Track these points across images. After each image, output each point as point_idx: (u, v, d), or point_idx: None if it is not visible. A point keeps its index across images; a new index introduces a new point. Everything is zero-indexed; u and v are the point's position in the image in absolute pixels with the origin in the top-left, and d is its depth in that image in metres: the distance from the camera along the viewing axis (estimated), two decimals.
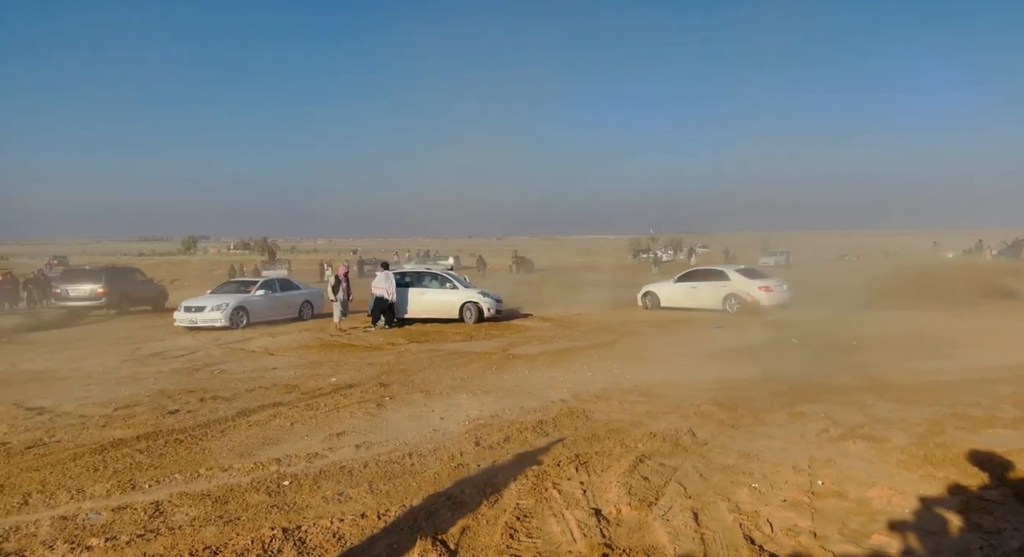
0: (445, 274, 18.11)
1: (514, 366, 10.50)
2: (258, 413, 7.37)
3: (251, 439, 6.36)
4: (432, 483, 5.03)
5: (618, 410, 7.38)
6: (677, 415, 7.08)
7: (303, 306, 18.77)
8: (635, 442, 6.03)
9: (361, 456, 5.74)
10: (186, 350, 12.87)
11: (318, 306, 19.28)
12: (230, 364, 11.09)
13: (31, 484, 5.06)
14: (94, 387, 9.18)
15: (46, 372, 10.60)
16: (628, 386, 8.72)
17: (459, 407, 7.64)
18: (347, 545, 3.95)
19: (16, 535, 4.11)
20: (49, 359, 12.02)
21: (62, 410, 7.69)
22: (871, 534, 4.02)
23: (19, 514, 4.47)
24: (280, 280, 19.89)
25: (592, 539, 3.99)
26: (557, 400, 7.88)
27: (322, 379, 9.51)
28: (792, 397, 7.84)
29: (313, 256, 71.86)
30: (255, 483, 5.05)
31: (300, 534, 4.08)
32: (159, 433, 6.54)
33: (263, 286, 18.11)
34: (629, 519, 4.30)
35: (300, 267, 49.64)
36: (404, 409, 7.59)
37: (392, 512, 4.43)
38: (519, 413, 7.27)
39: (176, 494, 4.82)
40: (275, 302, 17.89)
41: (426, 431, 6.57)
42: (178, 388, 8.97)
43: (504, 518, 4.30)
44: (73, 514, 4.45)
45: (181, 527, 4.22)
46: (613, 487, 4.84)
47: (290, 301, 18.45)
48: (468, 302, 16.92)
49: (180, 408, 7.69)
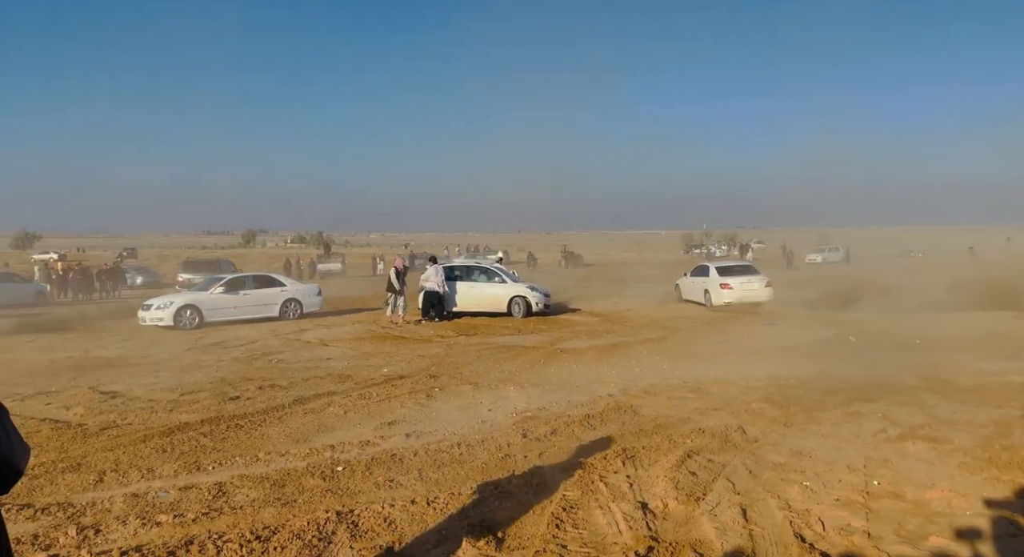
0: (494, 268, 18.22)
1: (562, 360, 10.52)
2: (313, 401, 7.62)
3: (307, 426, 6.59)
4: (480, 472, 5.12)
5: (666, 406, 7.32)
6: (727, 412, 6.98)
7: (286, 304, 17.04)
8: (683, 438, 5.99)
9: (411, 445, 5.88)
10: (245, 340, 13.36)
11: (312, 305, 17.61)
12: (287, 354, 11.47)
13: (106, 463, 5.38)
14: (161, 373, 9.66)
15: (118, 359, 11.19)
16: (677, 382, 8.64)
17: (507, 399, 7.72)
18: (397, 530, 4.07)
19: (92, 510, 4.39)
20: (120, 346, 12.68)
21: (133, 395, 8.12)
22: (929, 536, 3.91)
23: (95, 491, 4.77)
24: (255, 276, 18.17)
25: (638, 532, 4.00)
26: (605, 395, 7.88)
27: (374, 370, 9.74)
28: (848, 396, 7.63)
29: (366, 250, 73.31)
30: (310, 468, 5.24)
31: (353, 518, 4.22)
32: (221, 418, 6.84)
33: (226, 283, 16.75)
34: (676, 513, 4.29)
35: (353, 261, 50.71)
36: (453, 400, 7.72)
37: (441, 499, 4.53)
38: (566, 406, 7.30)
39: (237, 476, 5.05)
40: (241, 300, 16.40)
41: (474, 422, 6.68)
42: (238, 376, 9.34)
43: (550, 509, 4.35)
44: (144, 492, 4.71)
45: (242, 507, 4.43)
46: (660, 481, 4.82)
47: (265, 299, 16.80)
48: (516, 296, 17.00)
49: (240, 395, 8.01)
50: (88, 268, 28.63)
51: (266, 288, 17.12)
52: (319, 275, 42.22)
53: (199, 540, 3.85)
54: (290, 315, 17.02)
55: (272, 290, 17.15)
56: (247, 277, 17.62)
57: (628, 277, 31.96)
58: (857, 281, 25.44)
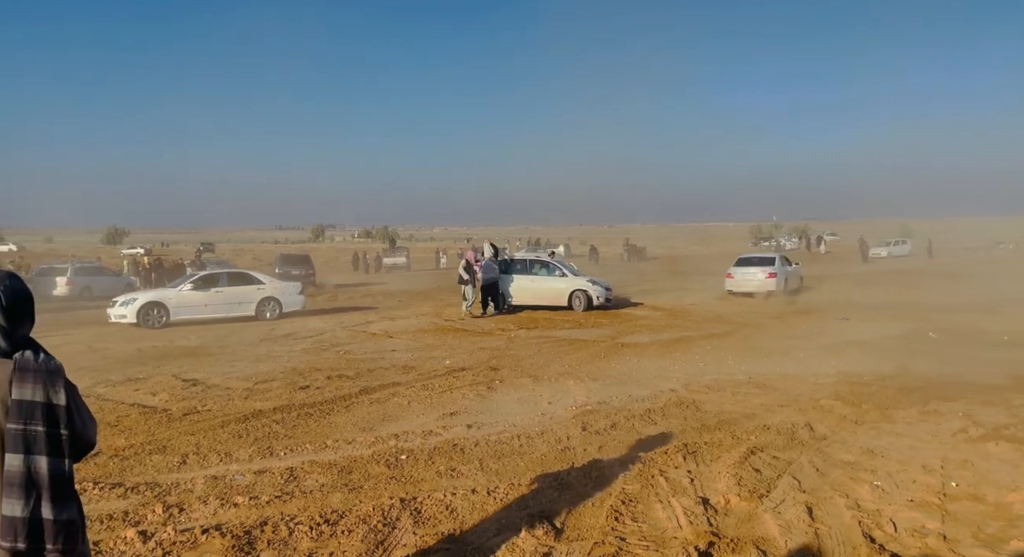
0: (554, 262, 18.21)
1: (623, 354, 10.45)
2: (378, 391, 7.85)
3: (372, 415, 6.80)
4: (539, 464, 5.17)
5: (730, 402, 7.18)
6: (794, 409, 6.79)
7: (263, 304, 16.30)
8: (747, 434, 5.86)
9: (472, 435, 5.99)
10: (314, 331, 13.86)
11: (292, 304, 16.81)
12: (353, 345, 11.84)
13: (188, 446, 5.73)
14: (237, 363, 10.15)
15: (198, 348, 11.83)
16: (742, 378, 8.45)
17: (567, 393, 7.74)
18: (459, 518, 4.17)
19: (177, 490, 4.68)
20: (200, 337, 13.39)
21: (211, 382, 8.58)
22: (1011, 540, 3.71)
23: (179, 472, 5.08)
24: (230, 273, 17.58)
25: (699, 527, 3.96)
26: (667, 390, 7.79)
27: (436, 362, 9.94)
28: (926, 394, 7.28)
29: (429, 244, 74.57)
30: (376, 456, 5.42)
31: (416, 505, 4.35)
32: (292, 406, 7.14)
33: (196, 280, 16.25)
34: (738, 510, 4.22)
35: (417, 255, 51.69)
36: (513, 393, 7.80)
37: (501, 489, 4.61)
38: (627, 401, 7.26)
39: (307, 462, 5.27)
40: (212, 298, 15.83)
41: (534, 414, 6.73)
42: (308, 366, 9.72)
43: (609, 501, 4.36)
44: (222, 474, 4.99)
45: (312, 492, 4.63)
46: (722, 477, 4.75)
47: (240, 297, 16.13)
48: (577, 290, 16.96)
49: (310, 384, 8.34)
50: (164, 262, 30.28)
51: (241, 286, 16.40)
52: (385, 269, 43.31)
53: (272, 521, 4.06)
54: (267, 315, 16.23)
55: (247, 288, 16.38)
56: (221, 274, 17.04)
57: (692, 271, 31.33)
58: (932, 275, 24.11)
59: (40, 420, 1.76)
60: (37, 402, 1.76)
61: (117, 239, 79.47)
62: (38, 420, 1.75)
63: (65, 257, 38.60)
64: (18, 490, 1.70)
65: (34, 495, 1.72)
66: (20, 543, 1.69)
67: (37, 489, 1.73)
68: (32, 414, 1.75)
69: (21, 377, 1.77)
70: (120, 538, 3.81)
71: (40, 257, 42.77)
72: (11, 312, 1.86)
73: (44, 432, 1.76)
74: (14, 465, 1.72)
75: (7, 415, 1.74)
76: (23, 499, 1.70)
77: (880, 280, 25.69)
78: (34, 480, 1.73)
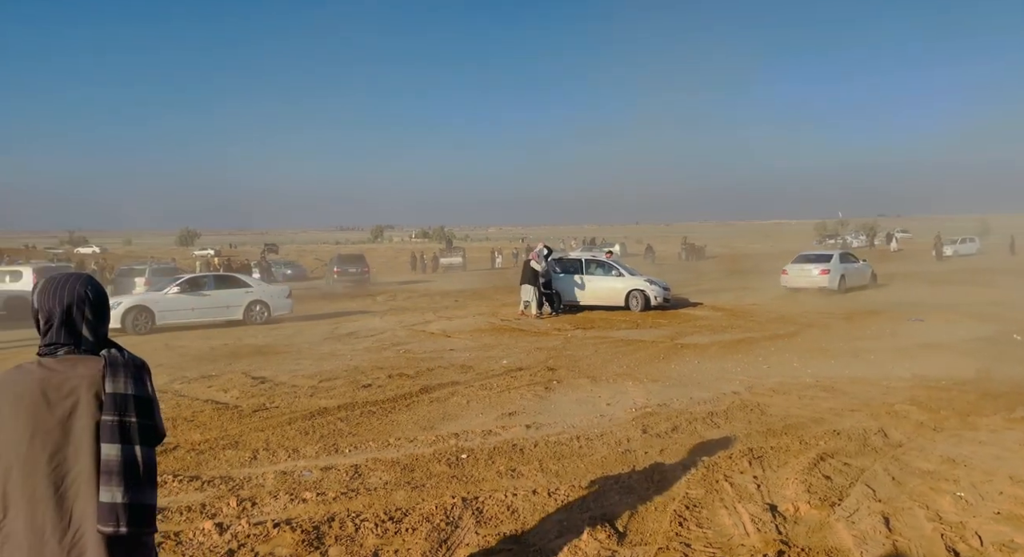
0: (610, 261, 18.04)
1: (683, 355, 10.26)
2: (438, 390, 7.96)
3: (432, 414, 6.90)
4: (600, 466, 5.13)
5: (797, 405, 6.95)
6: (866, 413, 6.52)
7: (251, 307, 15.99)
8: (816, 439, 5.66)
9: (531, 436, 6.00)
10: (375, 331, 14.17)
11: (280, 308, 16.56)
12: (413, 344, 12.04)
13: (258, 442, 5.94)
14: (303, 361, 10.47)
15: (266, 347, 12.26)
16: (809, 380, 8.17)
17: (626, 394, 7.66)
18: (520, 518, 4.18)
19: (249, 484, 4.87)
20: (267, 336, 13.88)
21: (279, 380, 8.88)
22: None
23: (250, 467, 5.28)
24: (218, 276, 17.00)
25: (767, 534, 3.85)
26: (729, 392, 7.61)
27: (494, 361, 10.00)
28: (1012, 400, 6.87)
29: (484, 244, 75.09)
30: (437, 454, 5.50)
31: (477, 504, 4.39)
32: (355, 404, 7.32)
33: (183, 283, 15.85)
34: (809, 518, 4.08)
35: (473, 255, 52.13)
36: (571, 393, 7.77)
37: (562, 491, 4.59)
38: (688, 403, 7.13)
39: (371, 459, 5.39)
40: (199, 302, 15.53)
41: (593, 416, 6.69)
42: (370, 365, 9.94)
43: (672, 506, 4.28)
44: (291, 470, 5.16)
45: (376, 489, 4.73)
46: (791, 484, 4.60)
47: (227, 301, 15.86)
48: (634, 290, 16.75)
49: (372, 383, 8.53)
50: (232, 263, 31.55)
51: (228, 289, 16.12)
52: (442, 269, 43.88)
53: (339, 517, 4.17)
54: (256, 319, 15.95)
55: (235, 291, 16.10)
56: (208, 277, 16.56)
57: (754, 270, 30.46)
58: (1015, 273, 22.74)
59: (133, 412, 1.86)
60: (129, 395, 1.86)
61: (189, 240, 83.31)
62: (131, 412, 1.85)
63: (143, 258, 40.74)
64: (117, 478, 1.80)
65: (134, 482, 1.82)
66: (122, 527, 1.78)
67: (136, 476, 1.83)
68: (126, 406, 1.85)
69: (113, 372, 1.87)
70: (199, 530, 3.98)
71: (120, 258, 45.25)
72: (96, 312, 1.98)
73: (137, 423, 1.86)
74: (112, 454, 1.81)
75: (101, 408, 1.84)
76: (122, 486, 1.80)
77: (956, 279, 24.38)
78: (133, 468, 1.83)
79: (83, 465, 1.83)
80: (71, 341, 1.92)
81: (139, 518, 1.83)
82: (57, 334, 1.92)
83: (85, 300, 1.96)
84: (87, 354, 1.93)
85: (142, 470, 1.85)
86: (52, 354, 1.91)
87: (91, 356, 1.92)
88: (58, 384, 1.85)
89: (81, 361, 1.90)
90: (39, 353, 1.93)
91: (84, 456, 1.83)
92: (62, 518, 1.80)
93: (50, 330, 1.92)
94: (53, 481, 1.81)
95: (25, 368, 1.88)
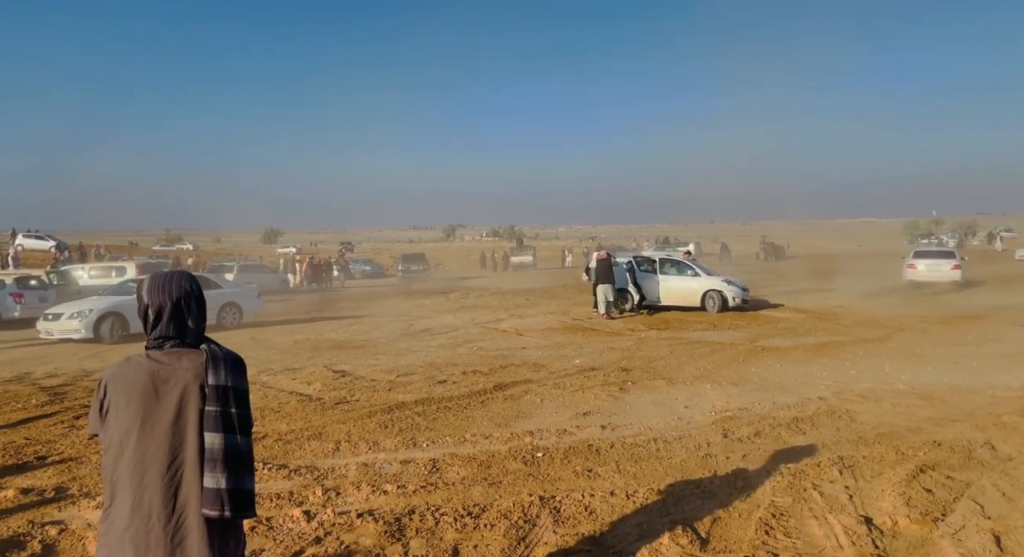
0: (686, 261, 17.61)
1: (763, 358, 9.89)
2: (511, 388, 7.99)
3: (506, 411, 6.93)
4: (679, 470, 5.01)
5: (890, 413, 6.57)
6: (969, 424, 6.08)
7: (224, 309, 15.23)
8: (913, 450, 5.33)
9: (607, 436, 5.92)
10: (449, 328, 14.39)
11: (252, 309, 16.03)
12: (485, 342, 12.14)
13: (340, 434, 6.14)
14: (380, 356, 10.75)
15: (344, 341, 12.67)
16: (903, 387, 7.70)
17: (704, 397, 7.45)
18: (598, 519, 4.13)
19: (332, 475, 5.03)
20: (346, 331, 14.35)
21: (358, 374, 9.15)
22: None
23: (333, 458, 5.46)
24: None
25: (862, 548, 3.64)
26: (815, 397, 7.27)
27: (567, 361, 9.95)
28: None
29: (554, 243, 74.94)
30: (512, 452, 5.51)
31: (555, 503, 4.37)
32: (431, 399, 7.44)
33: None
34: (908, 533, 3.84)
35: (543, 254, 52.12)
36: (647, 395, 7.62)
37: (640, 494, 4.51)
38: (771, 408, 6.86)
39: (448, 454, 5.47)
40: None
41: (670, 418, 6.54)
42: (444, 361, 10.09)
43: (758, 514, 4.13)
44: (372, 462, 5.30)
45: (454, 484, 4.79)
46: (887, 496, 4.35)
47: None
48: (711, 290, 16.29)
49: (447, 379, 8.65)
50: (313, 261, 32.77)
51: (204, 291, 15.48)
52: (512, 267, 44.10)
53: (419, 510, 4.24)
54: (228, 322, 15.22)
55: (209, 293, 14.41)
56: None
57: (838, 270, 29.05)
58: None
59: (233, 402, 1.96)
60: (230, 387, 1.96)
61: (273, 239, 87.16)
62: (232, 403, 1.95)
63: (233, 255, 43.02)
64: (221, 465, 1.89)
65: (237, 468, 1.92)
66: (227, 512, 1.88)
67: (239, 463, 1.93)
68: (227, 397, 1.95)
69: (215, 365, 1.97)
70: (288, 516, 4.15)
71: (212, 255, 47.88)
72: (201, 304, 2.11)
73: (237, 413, 1.96)
74: (216, 443, 1.91)
75: (205, 398, 1.94)
76: (227, 472, 1.89)
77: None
78: (236, 455, 1.93)
79: (189, 453, 1.92)
80: (178, 334, 2.03)
81: (241, 503, 1.92)
82: (167, 328, 2.02)
83: (191, 294, 2.07)
84: (190, 348, 2.03)
85: (243, 457, 1.94)
86: (160, 347, 2.01)
87: (194, 350, 2.02)
88: (166, 376, 1.95)
89: (185, 354, 2.00)
90: (147, 347, 2.04)
91: (190, 444, 1.93)
92: (167, 504, 1.89)
93: (159, 324, 2.02)
94: (161, 468, 1.90)
95: (135, 360, 1.99)
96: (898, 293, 19.77)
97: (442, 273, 40.92)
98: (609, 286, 15.67)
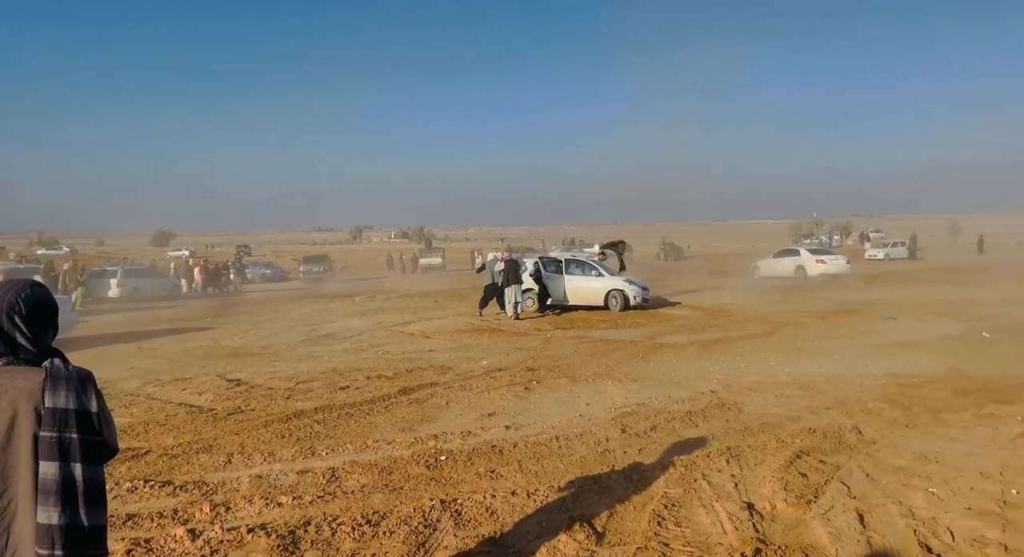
0: (590, 261, 18.09)
1: (661, 355, 10.32)
2: (417, 392, 7.90)
3: (411, 416, 6.85)
4: (579, 467, 5.13)
5: (773, 403, 7.02)
6: (840, 411, 6.60)
7: None
8: (792, 437, 5.72)
9: (511, 436, 5.98)
10: (354, 332, 14.04)
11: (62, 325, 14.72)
12: (391, 346, 11.95)
13: (232, 445, 5.84)
14: (279, 363, 10.34)
15: (241, 348, 12.09)
16: (785, 379, 8.26)
17: (605, 394, 7.68)
18: (499, 520, 4.16)
19: (223, 489, 4.78)
20: (243, 337, 13.68)
21: (255, 383, 8.75)
22: None
23: (224, 471, 5.19)
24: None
25: (744, 533, 3.87)
26: (707, 391, 7.66)
27: (473, 362, 9.96)
28: (982, 396, 7.00)
29: (464, 245, 74.89)
30: (415, 456, 5.45)
31: (456, 506, 4.36)
32: (332, 406, 7.24)
33: None
34: (785, 515, 4.12)
35: (453, 255, 51.95)
36: (551, 393, 7.76)
37: (541, 492, 4.58)
38: (667, 402, 7.16)
39: (348, 462, 5.33)
40: None
41: (572, 416, 6.69)
42: (348, 366, 9.84)
43: (651, 505, 4.29)
44: (266, 474, 5.08)
45: (353, 492, 4.68)
46: (767, 482, 4.64)
47: None
48: (614, 290, 16.81)
49: (350, 384, 8.44)
50: (208, 265, 31.09)
51: None
52: (421, 269, 43.67)
53: (316, 521, 4.11)
54: None
55: None
56: None
57: (732, 270, 30.78)
58: (985, 272, 23.27)
59: (74, 427, 1.76)
60: (71, 409, 1.76)
61: (164, 242, 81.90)
62: (71, 427, 1.76)
63: (116, 259, 39.97)
64: (54, 498, 1.71)
65: (71, 502, 1.73)
66: (58, 550, 1.69)
67: (74, 496, 1.73)
68: (66, 421, 1.75)
69: (54, 385, 1.77)
70: (170, 536, 3.90)
71: (92, 259, 44.29)
72: (33, 320, 1.86)
73: (79, 439, 1.76)
74: (49, 473, 1.72)
75: (40, 423, 1.74)
76: (59, 506, 1.71)
77: (927, 278, 24.90)
78: (71, 487, 1.73)
79: (22, 484, 1.73)
80: (10, 351, 1.82)
81: (75, 541, 1.72)
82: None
83: (15, 309, 1.84)
84: (28, 364, 1.82)
85: (82, 489, 1.74)
86: None
87: (32, 367, 1.82)
88: None
89: (21, 372, 1.80)
90: None
91: (23, 474, 1.73)
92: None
93: None
94: None
95: None
96: (782, 290, 21.16)
97: (348, 275, 39.96)
98: (516, 287, 15.83)
